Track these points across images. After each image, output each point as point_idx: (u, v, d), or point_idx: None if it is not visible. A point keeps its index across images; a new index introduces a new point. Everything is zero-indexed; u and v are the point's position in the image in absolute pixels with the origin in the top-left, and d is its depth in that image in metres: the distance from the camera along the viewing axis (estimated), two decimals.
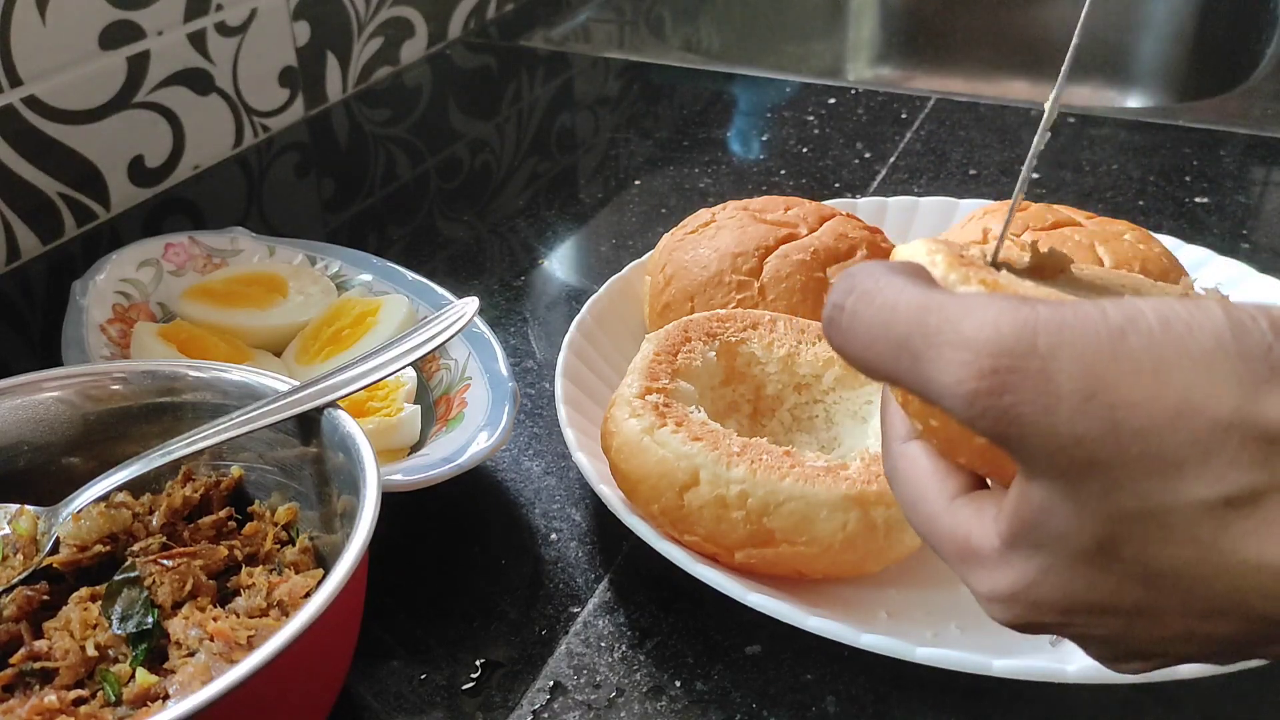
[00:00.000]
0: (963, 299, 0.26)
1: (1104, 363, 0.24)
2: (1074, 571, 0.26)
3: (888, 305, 0.27)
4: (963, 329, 0.25)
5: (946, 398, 0.25)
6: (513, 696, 0.46)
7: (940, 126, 0.98)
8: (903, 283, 0.28)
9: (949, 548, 0.29)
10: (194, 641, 0.40)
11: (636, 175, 0.92)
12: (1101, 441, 0.24)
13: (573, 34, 1.24)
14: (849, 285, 0.29)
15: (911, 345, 0.26)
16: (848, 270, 0.30)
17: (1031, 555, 0.26)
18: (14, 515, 0.46)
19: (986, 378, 0.24)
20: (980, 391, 0.25)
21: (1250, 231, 0.80)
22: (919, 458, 0.31)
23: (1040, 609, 0.27)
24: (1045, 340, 0.24)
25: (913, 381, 0.27)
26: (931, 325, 0.26)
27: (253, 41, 0.95)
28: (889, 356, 0.27)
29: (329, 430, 0.46)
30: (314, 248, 0.72)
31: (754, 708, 0.46)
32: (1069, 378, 0.24)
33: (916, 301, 0.27)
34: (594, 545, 0.54)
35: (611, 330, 0.64)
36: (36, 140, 0.79)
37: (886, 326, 0.27)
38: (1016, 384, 0.24)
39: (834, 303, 0.29)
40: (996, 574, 0.27)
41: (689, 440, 0.47)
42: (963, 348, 0.25)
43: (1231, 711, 0.45)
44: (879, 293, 0.28)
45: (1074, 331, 0.24)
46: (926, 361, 0.26)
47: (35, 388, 0.49)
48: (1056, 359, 0.24)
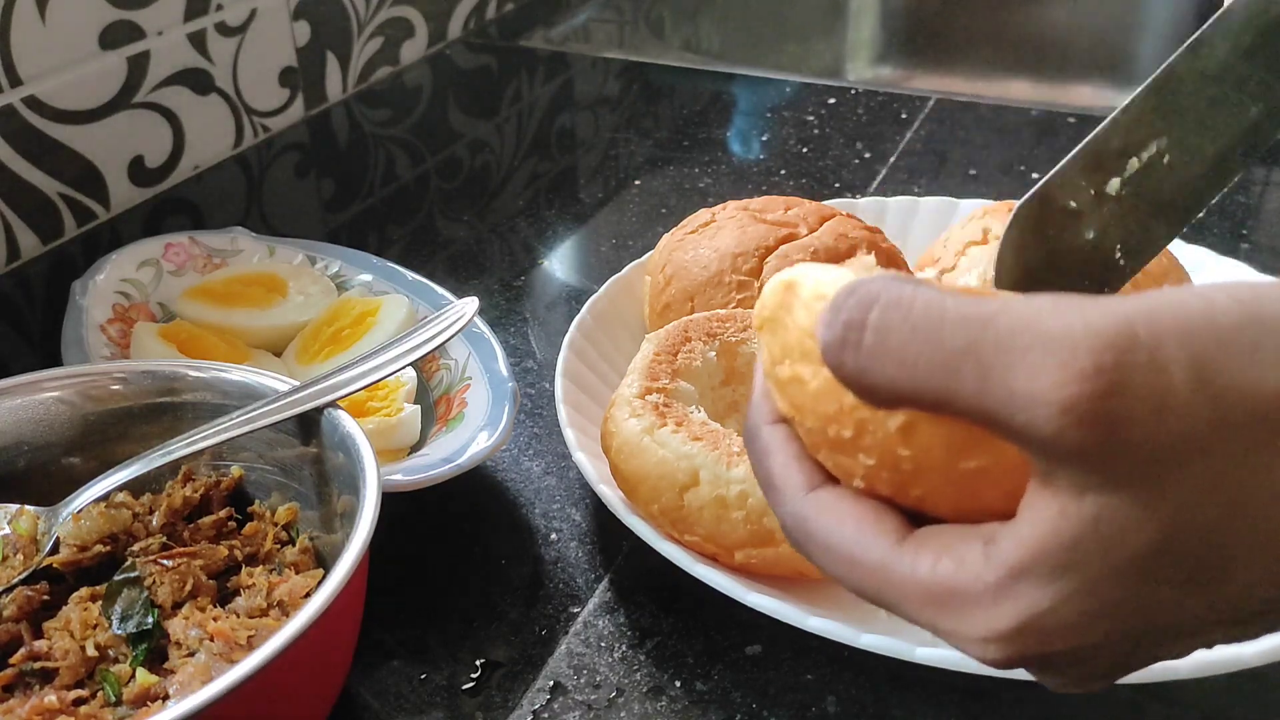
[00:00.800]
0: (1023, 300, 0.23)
1: (1209, 347, 0.22)
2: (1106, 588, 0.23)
3: (934, 315, 0.24)
4: (1047, 329, 0.22)
5: (1033, 407, 0.22)
6: (513, 696, 0.46)
7: (940, 126, 0.98)
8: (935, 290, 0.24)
9: (912, 596, 0.26)
10: (194, 641, 0.40)
11: (636, 175, 0.92)
12: (1205, 433, 0.22)
13: (573, 34, 1.24)
14: (863, 299, 0.25)
15: (979, 354, 0.23)
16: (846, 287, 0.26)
17: (1049, 579, 0.24)
18: (14, 515, 0.46)
19: (1091, 378, 0.22)
20: (1085, 394, 0.22)
21: (1250, 231, 0.80)
22: (838, 504, 0.28)
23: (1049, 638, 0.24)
24: (1145, 330, 0.22)
25: (971, 398, 0.23)
26: (1003, 329, 0.23)
27: (253, 41, 0.95)
28: (941, 371, 0.24)
29: (329, 430, 0.46)
30: (314, 248, 0.72)
31: (754, 708, 0.46)
32: (1179, 367, 0.22)
33: (972, 306, 0.23)
34: (594, 545, 0.54)
35: (611, 330, 0.64)
36: (36, 140, 0.79)
37: (936, 337, 0.24)
38: (1125, 381, 0.21)
39: (847, 321, 0.25)
40: (996, 611, 0.24)
41: (689, 440, 0.47)
42: (1055, 348, 0.22)
43: (1231, 711, 0.45)
44: (914, 302, 0.24)
45: (1167, 317, 0.22)
46: (1000, 370, 0.23)
47: (35, 388, 0.49)
48: (1163, 347, 0.22)
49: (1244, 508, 0.23)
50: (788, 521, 0.29)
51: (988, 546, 0.25)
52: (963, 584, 0.25)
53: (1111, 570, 0.23)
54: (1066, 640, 0.25)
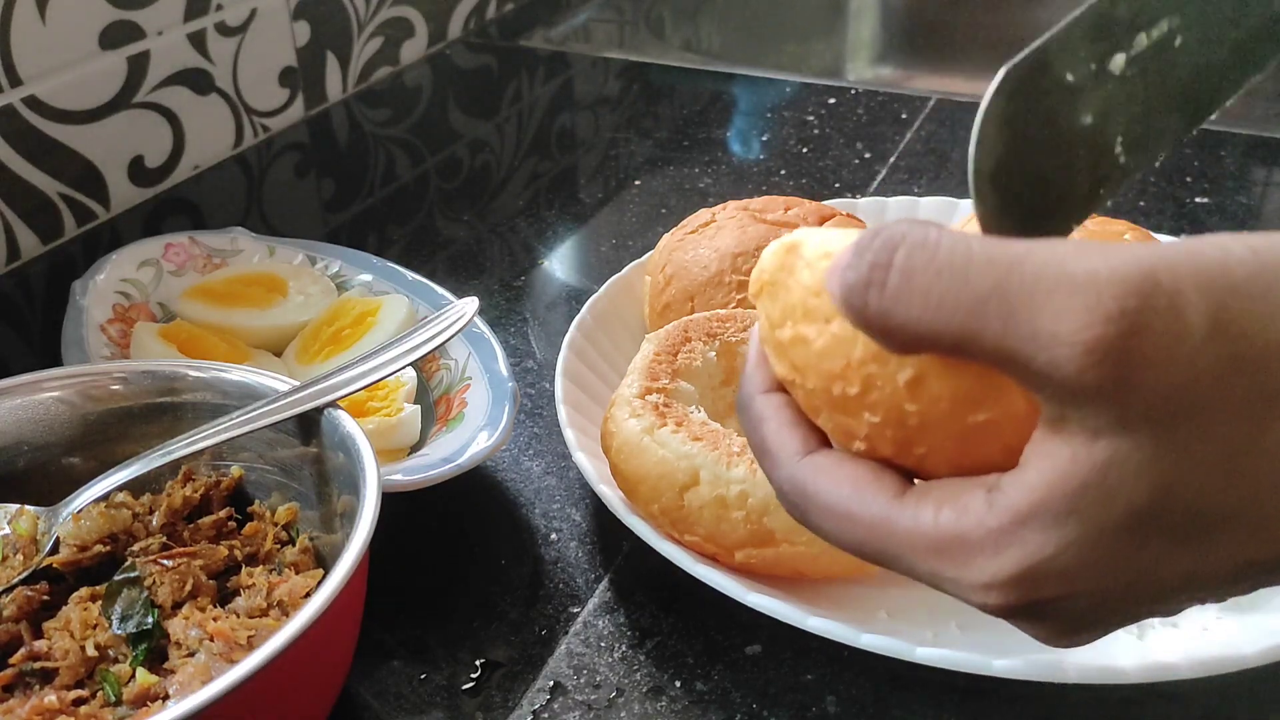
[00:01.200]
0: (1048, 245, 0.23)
1: (1224, 293, 0.22)
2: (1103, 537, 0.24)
3: (960, 256, 0.24)
4: (1073, 272, 0.23)
5: (1056, 347, 0.23)
6: (513, 696, 0.46)
7: (940, 126, 0.98)
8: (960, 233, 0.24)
9: (915, 546, 0.26)
10: (194, 641, 0.40)
11: (636, 175, 0.92)
12: (1217, 377, 0.22)
13: (573, 34, 1.24)
14: (889, 240, 0.25)
15: (1004, 297, 0.23)
16: (869, 230, 0.26)
17: (1052, 525, 0.24)
18: (14, 515, 0.46)
19: (1115, 320, 0.22)
20: (1108, 335, 0.22)
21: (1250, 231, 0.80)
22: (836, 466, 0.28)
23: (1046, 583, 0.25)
24: (1166, 276, 0.22)
25: (996, 338, 0.24)
26: (1029, 272, 0.23)
27: (253, 41, 0.95)
28: (967, 312, 0.24)
29: (329, 430, 0.46)
30: (314, 248, 0.72)
31: (754, 708, 0.46)
32: (1196, 311, 0.22)
33: (997, 250, 0.24)
34: (594, 545, 0.54)
35: (611, 330, 0.64)
36: (36, 140, 0.79)
37: (963, 278, 0.24)
38: (1146, 323, 0.22)
39: (873, 262, 0.25)
40: (1000, 556, 0.25)
41: (689, 440, 0.47)
42: (1080, 290, 0.22)
43: (1232, 710, 0.45)
44: (939, 244, 0.24)
45: (1188, 265, 0.22)
46: (1026, 311, 0.23)
47: (35, 388, 0.49)
48: (1182, 293, 0.22)
49: (1241, 464, 0.23)
50: (784, 487, 0.30)
51: (991, 494, 0.25)
52: (965, 530, 0.25)
53: (1112, 519, 0.24)
54: (1063, 587, 0.25)
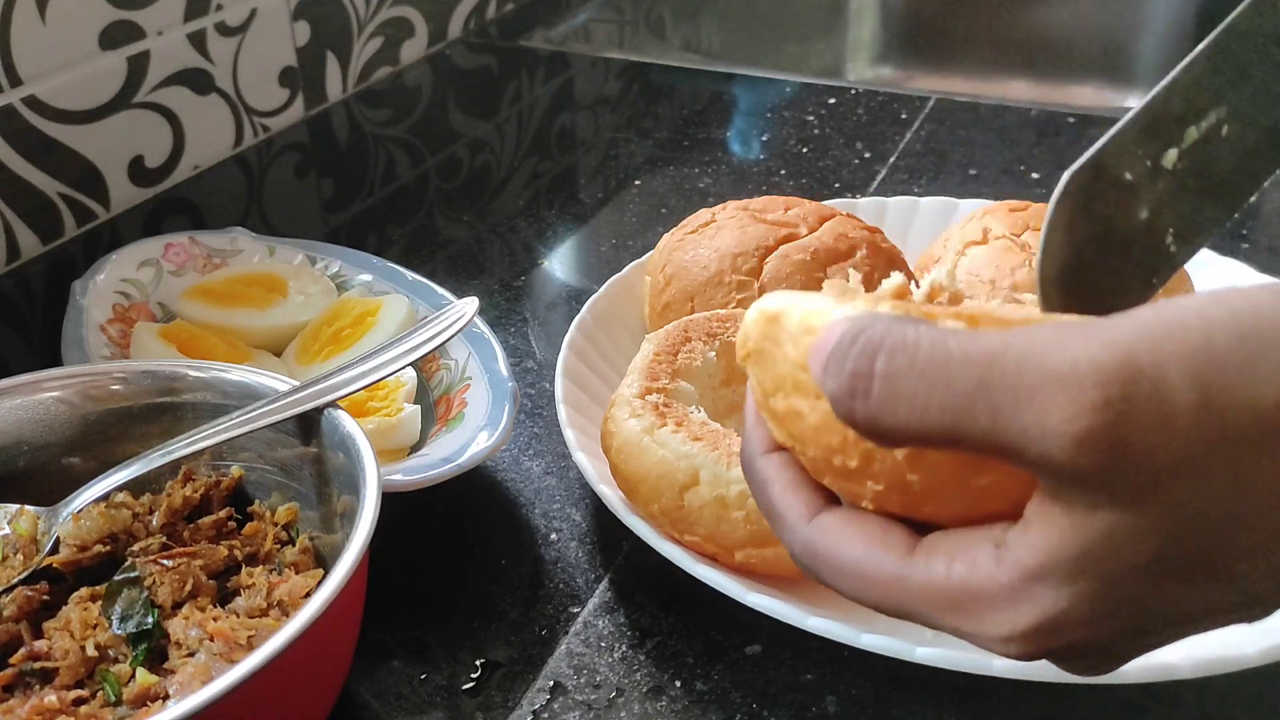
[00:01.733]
0: (1027, 334, 0.24)
1: (1209, 369, 0.22)
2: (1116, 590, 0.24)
3: (939, 358, 0.24)
4: (1052, 365, 0.23)
5: (1046, 440, 0.23)
6: (513, 696, 0.46)
7: (940, 126, 0.98)
8: (936, 330, 0.25)
9: (931, 602, 0.27)
10: (194, 641, 0.40)
11: (636, 175, 0.92)
12: (1209, 451, 0.23)
13: (573, 34, 1.24)
14: (866, 347, 0.25)
15: (988, 395, 0.24)
16: (840, 335, 0.26)
17: (1065, 582, 0.25)
18: (14, 515, 0.46)
19: (1100, 411, 0.22)
20: (1095, 426, 0.22)
21: (1250, 231, 0.80)
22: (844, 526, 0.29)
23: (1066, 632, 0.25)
24: (1147, 360, 0.22)
25: (984, 435, 0.24)
26: (1009, 368, 0.23)
27: (253, 41, 0.95)
28: (953, 416, 0.24)
29: (329, 430, 0.46)
30: (314, 248, 0.72)
31: (754, 708, 0.46)
32: (1183, 392, 0.22)
33: (975, 348, 0.24)
34: (594, 545, 0.54)
35: (611, 330, 0.64)
36: (36, 140, 0.79)
37: (944, 383, 0.24)
38: (1132, 411, 0.22)
39: (854, 371, 0.25)
40: (1015, 612, 0.25)
41: (689, 440, 0.47)
42: (1062, 386, 0.23)
43: (1232, 711, 0.45)
44: (918, 346, 0.24)
45: (1169, 344, 0.23)
46: (1011, 411, 0.23)
47: (35, 388, 0.49)
48: (1165, 376, 0.22)
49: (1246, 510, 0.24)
50: (795, 549, 0.30)
51: (999, 550, 0.26)
52: (978, 586, 0.26)
53: (1123, 574, 0.24)
54: (1084, 634, 0.26)
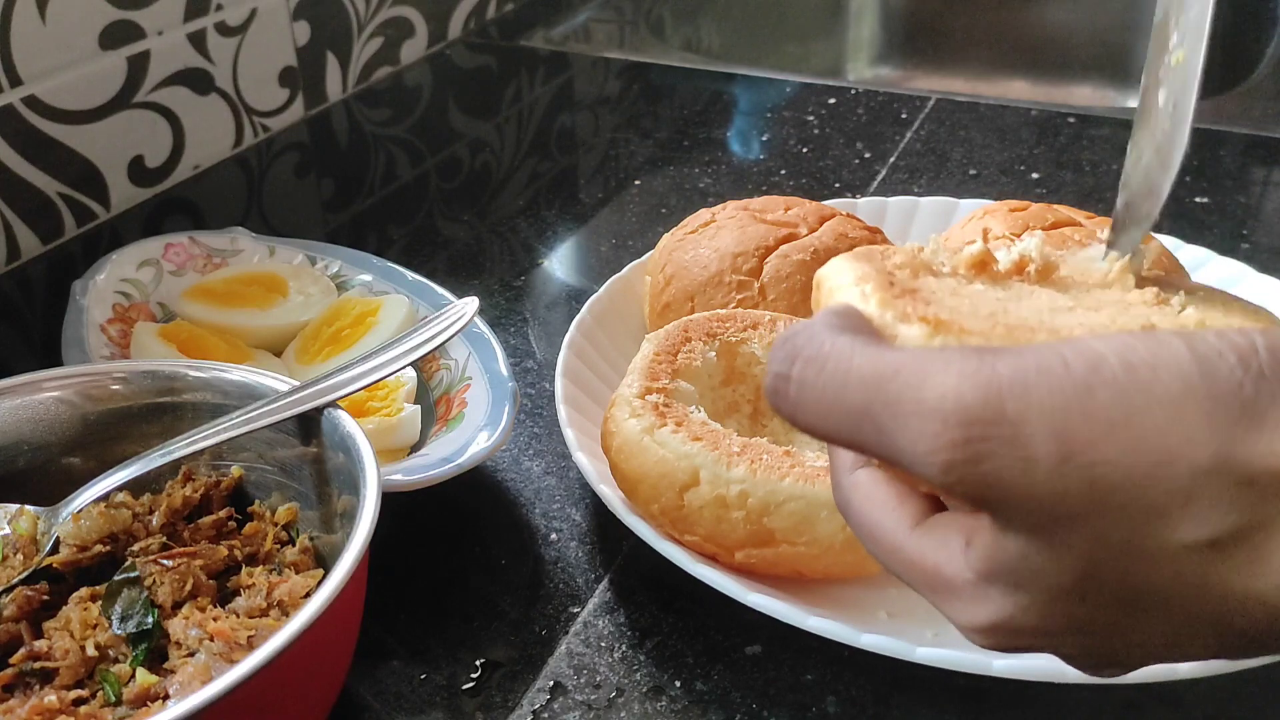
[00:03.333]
0: (917, 359, 0.25)
1: (1075, 422, 0.23)
2: (1053, 605, 0.26)
3: (840, 373, 0.26)
4: (925, 397, 0.25)
5: (919, 466, 0.25)
6: (513, 696, 0.46)
7: (940, 126, 0.98)
8: (849, 343, 0.27)
9: (918, 578, 0.29)
10: (194, 641, 0.40)
11: (636, 175, 0.92)
12: (1081, 499, 0.24)
13: (573, 34, 1.24)
14: (790, 352, 0.28)
15: (873, 415, 0.26)
16: (785, 334, 0.29)
17: (1009, 593, 0.26)
18: (14, 515, 0.46)
19: (959, 447, 0.24)
20: (955, 461, 0.24)
21: (1250, 231, 0.80)
22: (872, 487, 0.31)
23: (1021, 635, 0.27)
24: (1013, 405, 0.24)
25: (878, 450, 0.26)
26: (891, 394, 0.25)
27: (253, 41, 0.95)
28: (848, 427, 0.26)
29: (329, 430, 0.46)
30: (314, 248, 0.72)
31: (754, 708, 0.46)
32: (1042, 441, 0.23)
33: (869, 368, 0.26)
34: (594, 545, 0.54)
35: (611, 330, 0.64)
36: (36, 140, 0.79)
37: (840, 397, 0.26)
38: (990, 451, 0.24)
39: (776, 373, 0.28)
40: (974, 607, 0.27)
41: (689, 440, 0.47)
42: (929, 418, 0.24)
43: (1234, 711, 0.45)
44: (826, 359, 0.27)
45: (1040, 391, 0.24)
46: (891, 432, 0.25)
47: (35, 388, 0.49)
48: (1027, 423, 0.23)
49: (1153, 567, 0.24)
50: (836, 495, 0.32)
51: (966, 548, 0.27)
52: (949, 576, 0.28)
53: (1051, 592, 0.25)
54: (1041, 640, 0.27)
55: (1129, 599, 0.25)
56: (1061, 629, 0.26)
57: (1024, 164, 0.90)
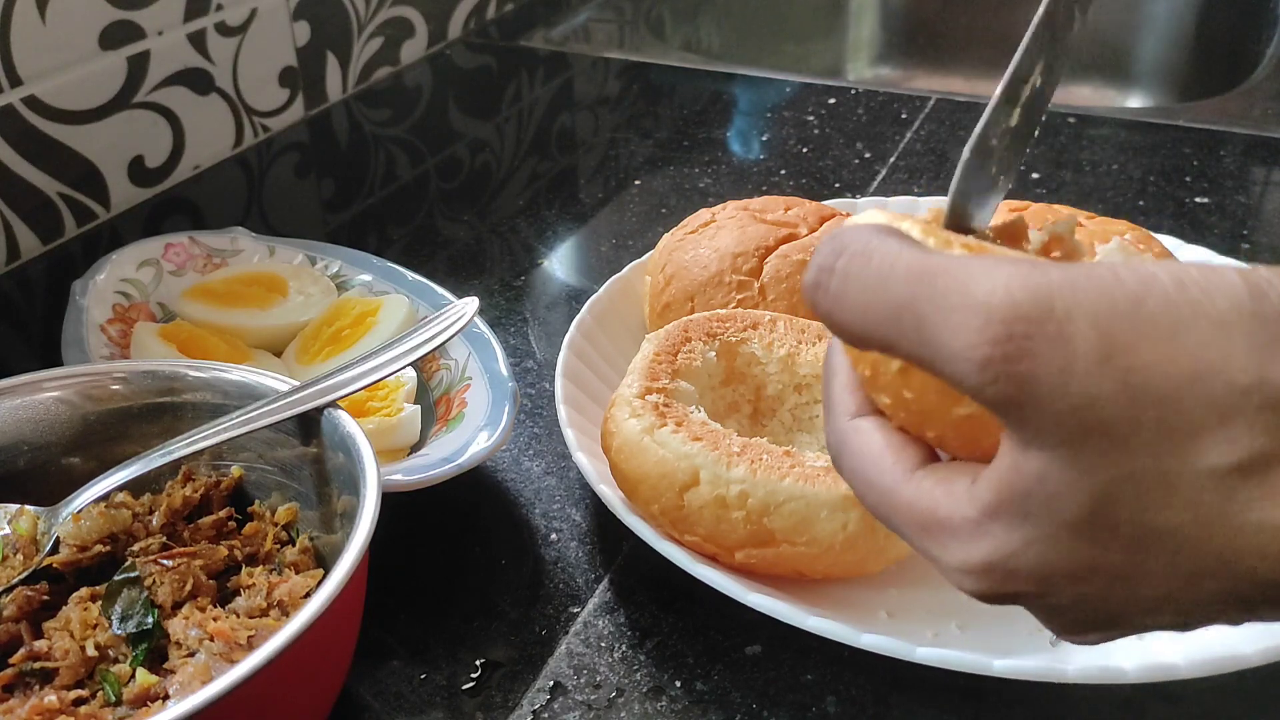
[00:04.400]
0: (968, 261, 0.25)
1: (1121, 325, 0.23)
2: (1059, 539, 0.25)
3: (885, 266, 0.26)
4: (973, 292, 0.24)
5: (956, 361, 0.25)
6: (513, 696, 0.46)
7: (940, 126, 0.98)
8: (897, 244, 0.27)
9: (910, 520, 0.28)
10: (194, 641, 0.40)
11: (636, 175, 0.92)
12: (1115, 404, 0.23)
13: (573, 34, 1.24)
14: (837, 246, 0.28)
15: (916, 308, 0.25)
16: (832, 233, 0.28)
17: (1015, 525, 0.26)
18: (14, 515, 0.46)
19: (1002, 343, 0.24)
20: (995, 357, 0.24)
21: (1250, 231, 0.80)
22: (871, 431, 0.31)
23: (1016, 578, 0.26)
24: (1061, 304, 0.23)
25: (913, 346, 0.26)
26: (938, 288, 0.25)
27: (253, 41, 0.95)
28: (887, 320, 0.26)
29: (329, 430, 0.46)
30: (314, 248, 0.72)
31: (754, 708, 0.46)
32: (1085, 340, 0.23)
33: (918, 263, 0.26)
34: (594, 545, 0.54)
35: (611, 330, 0.64)
36: (36, 140, 0.79)
37: (885, 289, 0.26)
38: (1033, 349, 0.23)
39: (820, 265, 0.28)
40: (972, 545, 0.27)
41: (689, 440, 0.47)
42: (975, 312, 0.24)
43: (1234, 711, 0.45)
44: (874, 253, 0.27)
45: (1089, 294, 0.23)
46: (933, 325, 0.25)
47: (35, 388, 0.49)
48: (1073, 321, 0.23)
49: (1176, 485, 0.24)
50: (831, 439, 0.32)
51: (973, 484, 0.27)
52: (946, 514, 0.27)
53: (1061, 525, 0.25)
54: (1036, 584, 0.26)
55: (1138, 538, 0.25)
56: (1061, 572, 0.26)
57: (1024, 164, 0.90)
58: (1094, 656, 0.43)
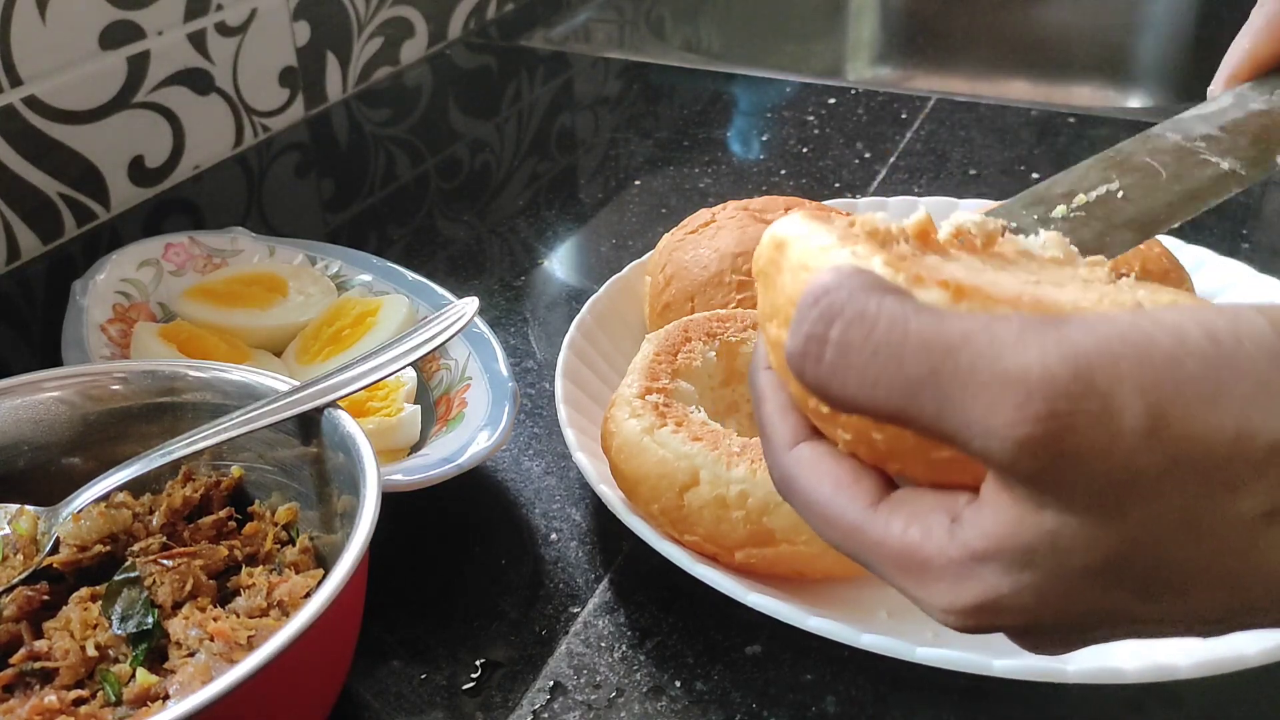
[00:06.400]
0: (985, 326, 0.24)
1: (1167, 396, 0.22)
2: (1061, 584, 0.25)
3: (896, 337, 0.24)
4: (1005, 367, 0.23)
5: (988, 439, 0.23)
6: (513, 696, 0.46)
7: (940, 126, 0.98)
8: (899, 305, 0.24)
9: (884, 559, 0.27)
10: (194, 641, 0.40)
11: (636, 175, 0.92)
12: (1158, 473, 0.23)
13: (573, 34, 1.24)
14: (826, 311, 0.25)
15: (938, 384, 0.24)
16: (811, 292, 0.25)
17: (1011, 570, 0.25)
18: (14, 515, 0.46)
19: (1044, 421, 0.22)
20: (1035, 435, 0.23)
21: (1250, 231, 0.80)
22: (818, 463, 0.29)
23: (1005, 616, 0.26)
24: (1103, 378, 0.22)
25: (930, 422, 0.24)
26: (963, 363, 0.23)
27: (253, 41, 0.95)
28: (901, 396, 0.24)
29: (329, 430, 0.46)
30: (314, 248, 0.72)
31: (754, 708, 0.46)
32: (1132, 416, 0.22)
33: (933, 332, 0.24)
34: (594, 545, 0.54)
35: (611, 330, 0.64)
36: (36, 140, 0.79)
37: (897, 362, 0.24)
38: (1076, 425, 0.22)
39: (809, 334, 0.25)
40: (959, 587, 0.25)
41: (689, 440, 0.47)
42: (1012, 389, 0.23)
43: (1234, 711, 0.45)
44: (877, 321, 0.24)
45: (1130, 364, 0.22)
46: (957, 402, 0.23)
47: (35, 388, 0.49)
48: (1118, 396, 0.22)
49: (1199, 540, 0.23)
50: (774, 473, 0.30)
51: (953, 525, 0.26)
52: (927, 555, 0.26)
53: (1071, 572, 0.24)
54: (1023, 619, 0.26)
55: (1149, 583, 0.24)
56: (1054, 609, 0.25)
57: (1024, 164, 0.90)
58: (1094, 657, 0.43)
